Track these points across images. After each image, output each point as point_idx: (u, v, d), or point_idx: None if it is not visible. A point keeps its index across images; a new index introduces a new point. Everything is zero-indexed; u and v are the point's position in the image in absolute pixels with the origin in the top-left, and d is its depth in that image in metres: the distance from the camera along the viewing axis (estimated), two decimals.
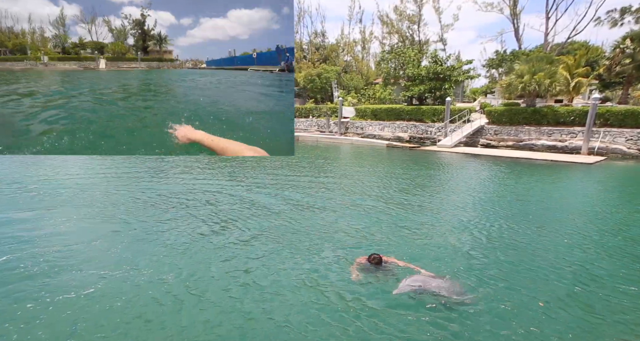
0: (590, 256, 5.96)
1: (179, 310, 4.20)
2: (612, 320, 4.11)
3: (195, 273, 5.10)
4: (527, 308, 4.30)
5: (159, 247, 6.02)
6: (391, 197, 9.86)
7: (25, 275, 4.96)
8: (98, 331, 3.79)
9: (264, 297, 4.49)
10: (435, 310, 4.22)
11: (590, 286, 4.90)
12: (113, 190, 9.98)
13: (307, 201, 9.22)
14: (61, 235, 6.52)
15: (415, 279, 4.70)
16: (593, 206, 9.34)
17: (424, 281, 4.64)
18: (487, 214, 8.35)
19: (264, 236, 6.63)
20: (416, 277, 4.79)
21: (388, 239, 6.60)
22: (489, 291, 4.68)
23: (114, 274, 5.02)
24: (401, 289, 4.52)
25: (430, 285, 4.55)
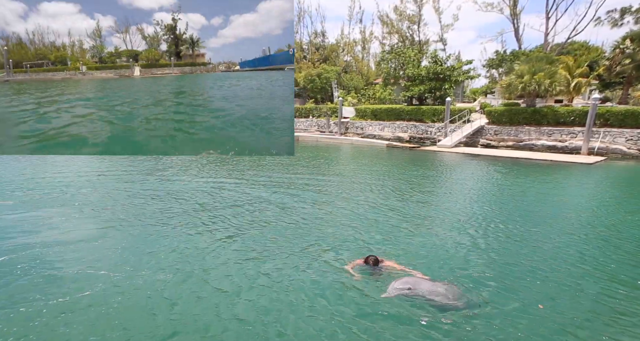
0: (590, 256, 5.94)
1: (176, 310, 4.18)
2: (612, 322, 4.10)
3: (191, 274, 5.08)
4: (526, 312, 4.25)
5: (156, 247, 6.00)
6: (390, 197, 9.85)
7: (22, 276, 4.94)
8: (93, 333, 3.77)
9: (251, 297, 4.47)
10: (426, 314, 4.09)
11: (590, 287, 4.88)
12: (113, 189, 9.99)
13: (306, 201, 9.21)
14: (59, 235, 6.52)
15: (406, 281, 4.52)
16: (593, 207, 9.33)
17: (414, 283, 4.46)
18: (487, 214, 8.34)
19: (262, 236, 6.60)
20: (406, 279, 4.61)
21: (386, 239, 6.58)
22: (486, 294, 4.65)
23: (111, 275, 4.98)
24: (389, 292, 4.35)
25: (420, 288, 4.36)
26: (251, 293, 4.61)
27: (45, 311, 4.12)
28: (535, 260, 5.75)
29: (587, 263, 5.66)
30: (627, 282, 5.05)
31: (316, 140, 28.86)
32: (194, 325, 3.94)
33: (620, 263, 5.69)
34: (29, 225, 7.02)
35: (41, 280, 4.84)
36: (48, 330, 3.81)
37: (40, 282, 4.79)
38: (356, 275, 5.03)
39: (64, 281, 4.84)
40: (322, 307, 4.31)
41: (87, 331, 3.80)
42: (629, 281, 5.10)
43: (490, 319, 4.07)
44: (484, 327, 3.93)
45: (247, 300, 4.44)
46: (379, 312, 4.17)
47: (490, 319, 4.07)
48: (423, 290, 4.35)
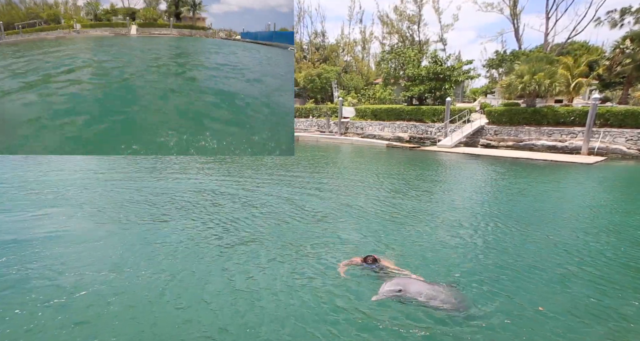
0: (589, 257, 5.90)
1: (172, 309, 4.15)
2: (613, 323, 4.07)
3: (189, 274, 5.05)
4: (525, 315, 4.20)
5: (155, 246, 5.97)
6: (390, 197, 9.82)
7: (20, 277, 4.91)
8: (94, 333, 3.74)
9: (239, 298, 4.45)
10: (417, 318, 3.98)
11: (589, 288, 4.85)
12: (112, 189, 9.95)
13: (305, 201, 9.18)
14: (56, 235, 6.49)
15: (397, 282, 4.33)
16: (593, 207, 9.30)
17: (405, 284, 4.27)
18: (486, 215, 8.31)
19: (260, 235, 6.56)
20: (398, 280, 4.42)
21: (383, 239, 6.56)
22: (484, 295, 4.61)
23: (110, 275, 4.96)
24: (380, 295, 4.19)
25: (411, 290, 4.18)
26: (240, 295, 4.58)
27: (41, 314, 4.09)
28: (535, 261, 5.72)
29: (586, 263, 5.63)
30: (628, 283, 5.03)
31: (316, 140, 28.83)
32: (195, 324, 3.91)
33: (620, 263, 5.66)
34: (24, 224, 6.99)
35: (40, 280, 4.81)
36: (47, 331, 3.78)
37: (39, 282, 4.76)
38: (344, 275, 4.96)
39: (64, 281, 4.81)
40: (310, 309, 4.24)
41: (88, 331, 3.78)
42: (629, 282, 5.07)
43: (489, 321, 4.03)
44: (483, 331, 3.86)
45: (236, 302, 4.41)
46: (368, 315, 4.07)
47: (490, 321, 4.03)
48: (415, 291, 4.18)
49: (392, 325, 3.90)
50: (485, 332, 3.83)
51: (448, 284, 4.65)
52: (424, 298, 4.12)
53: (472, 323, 3.97)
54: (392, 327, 3.86)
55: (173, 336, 3.75)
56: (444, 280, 4.90)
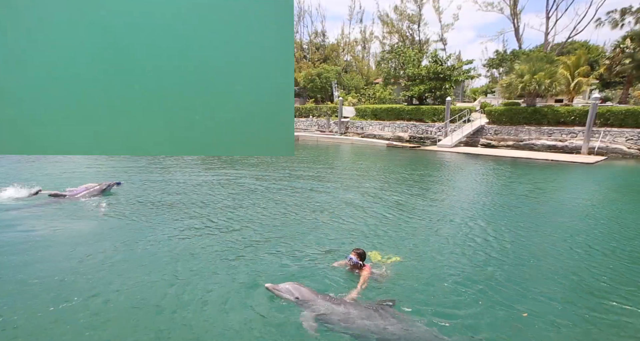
0: (589, 257, 5.90)
1: (169, 309, 4.16)
2: (611, 325, 4.08)
3: (192, 275, 5.05)
4: (510, 320, 4.20)
5: (152, 247, 5.97)
6: (389, 197, 9.81)
7: (21, 279, 4.90)
8: (93, 334, 3.74)
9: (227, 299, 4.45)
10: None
11: (589, 289, 4.84)
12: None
13: (305, 201, 9.17)
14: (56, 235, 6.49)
15: (299, 291, 4.06)
16: (593, 207, 9.29)
17: (305, 297, 4.01)
18: (485, 215, 8.30)
19: (256, 234, 6.57)
20: (303, 290, 4.09)
21: (381, 239, 6.55)
22: (478, 296, 4.62)
23: (111, 275, 4.97)
24: (277, 289, 4.11)
25: (308, 304, 3.91)
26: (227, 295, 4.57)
27: (40, 315, 4.08)
28: (536, 260, 5.71)
29: (586, 263, 5.62)
30: (627, 284, 5.02)
31: (316, 140, 28.82)
32: (194, 325, 3.90)
33: (621, 264, 5.65)
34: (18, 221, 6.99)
35: (37, 281, 4.80)
36: (44, 332, 3.78)
37: (36, 282, 4.76)
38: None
39: (62, 281, 4.81)
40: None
41: (87, 332, 3.78)
42: (629, 283, 5.06)
43: (479, 321, 4.04)
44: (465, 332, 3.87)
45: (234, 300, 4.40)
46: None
47: (479, 321, 4.04)
48: (310, 307, 3.93)
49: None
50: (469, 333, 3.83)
51: (380, 305, 4.08)
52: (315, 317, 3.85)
53: (457, 324, 3.97)
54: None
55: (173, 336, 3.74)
56: (436, 279, 4.88)
